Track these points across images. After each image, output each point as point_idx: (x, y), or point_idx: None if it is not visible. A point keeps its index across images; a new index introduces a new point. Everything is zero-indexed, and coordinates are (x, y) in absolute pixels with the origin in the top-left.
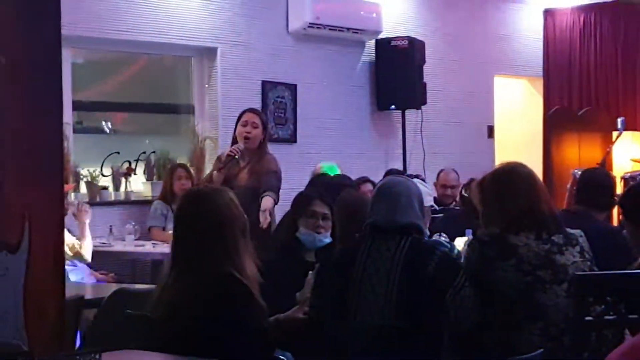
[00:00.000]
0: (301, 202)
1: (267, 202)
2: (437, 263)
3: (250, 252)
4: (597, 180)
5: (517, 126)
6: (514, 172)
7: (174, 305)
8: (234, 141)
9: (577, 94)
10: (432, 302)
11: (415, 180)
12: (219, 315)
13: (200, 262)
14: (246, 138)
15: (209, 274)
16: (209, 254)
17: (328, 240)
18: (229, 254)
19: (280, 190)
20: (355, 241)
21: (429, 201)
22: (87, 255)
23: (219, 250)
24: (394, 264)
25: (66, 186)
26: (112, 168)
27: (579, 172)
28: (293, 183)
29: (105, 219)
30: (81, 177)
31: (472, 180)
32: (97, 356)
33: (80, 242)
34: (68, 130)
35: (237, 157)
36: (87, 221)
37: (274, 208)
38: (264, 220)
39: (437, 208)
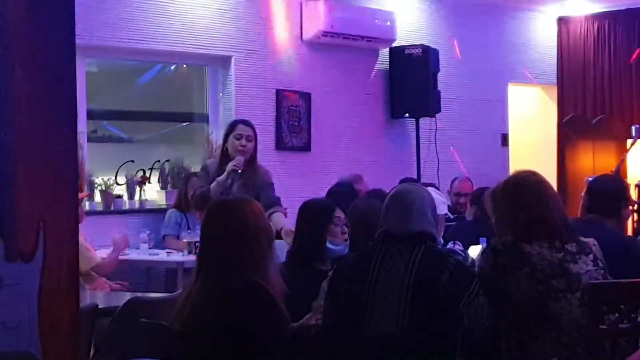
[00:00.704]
0: (324, 212)
1: (282, 219)
2: (451, 272)
3: (276, 264)
4: (602, 186)
5: (532, 134)
6: (523, 181)
7: (198, 311)
8: (225, 153)
9: (592, 102)
10: (446, 310)
11: (429, 188)
12: (244, 321)
13: (227, 269)
14: (241, 152)
15: (236, 281)
16: (236, 262)
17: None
18: (255, 263)
19: (294, 199)
20: (368, 249)
21: (443, 210)
22: (102, 271)
23: (246, 258)
24: (407, 272)
25: (80, 194)
26: (126, 176)
27: None
28: (307, 191)
29: (119, 228)
30: (95, 185)
31: (481, 189)
32: None
33: (105, 260)
34: (82, 139)
35: (240, 171)
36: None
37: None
38: (291, 240)
39: (452, 216)
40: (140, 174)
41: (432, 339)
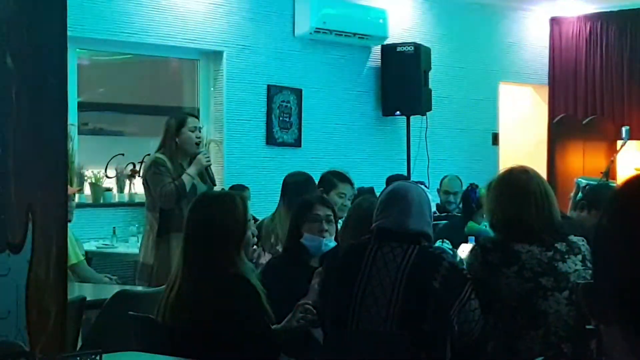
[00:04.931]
0: (303, 207)
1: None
2: (444, 276)
3: (248, 265)
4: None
5: (522, 134)
6: (527, 176)
7: (182, 304)
8: (176, 146)
9: (583, 102)
10: (437, 313)
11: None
12: (229, 312)
13: (208, 263)
14: (198, 144)
15: (219, 274)
16: (215, 256)
17: (332, 244)
18: (231, 259)
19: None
20: (361, 243)
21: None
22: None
23: (223, 253)
24: (400, 273)
25: (70, 189)
26: (116, 169)
27: (583, 181)
28: None
29: (108, 221)
30: (85, 178)
31: (472, 185)
32: (98, 357)
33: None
34: (73, 131)
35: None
36: None
37: None
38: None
39: (439, 214)
40: (130, 167)
41: (420, 340)
